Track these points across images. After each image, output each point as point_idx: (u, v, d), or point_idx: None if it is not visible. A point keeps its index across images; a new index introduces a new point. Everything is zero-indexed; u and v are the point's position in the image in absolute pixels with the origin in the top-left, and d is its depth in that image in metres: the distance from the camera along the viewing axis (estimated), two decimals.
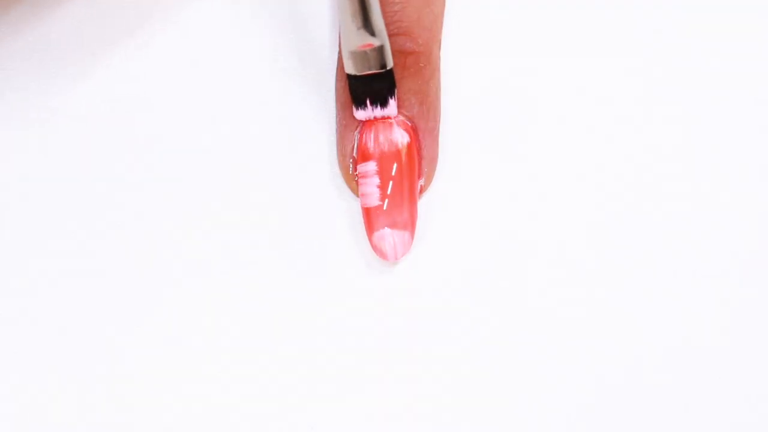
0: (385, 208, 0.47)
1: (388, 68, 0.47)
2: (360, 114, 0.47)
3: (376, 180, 0.47)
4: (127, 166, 0.49)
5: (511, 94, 0.50)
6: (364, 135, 0.48)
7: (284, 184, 0.48)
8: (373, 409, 0.46)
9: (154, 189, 0.48)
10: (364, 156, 0.47)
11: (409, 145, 0.47)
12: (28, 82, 0.50)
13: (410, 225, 0.47)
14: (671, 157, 0.49)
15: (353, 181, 0.48)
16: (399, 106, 0.47)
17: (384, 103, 0.47)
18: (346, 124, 0.48)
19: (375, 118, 0.47)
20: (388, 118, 0.47)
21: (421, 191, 0.48)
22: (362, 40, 0.46)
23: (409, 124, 0.48)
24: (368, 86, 0.47)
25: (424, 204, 0.48)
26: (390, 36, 0.47)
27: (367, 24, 0.46)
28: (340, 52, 0.48)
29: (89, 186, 0.48)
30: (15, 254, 0.48)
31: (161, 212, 0.48)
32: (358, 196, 0.48)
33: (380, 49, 0.46)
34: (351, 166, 0.48)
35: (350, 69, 0.46)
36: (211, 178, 0.49)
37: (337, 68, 0.49)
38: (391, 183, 0.47)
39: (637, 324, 0.47)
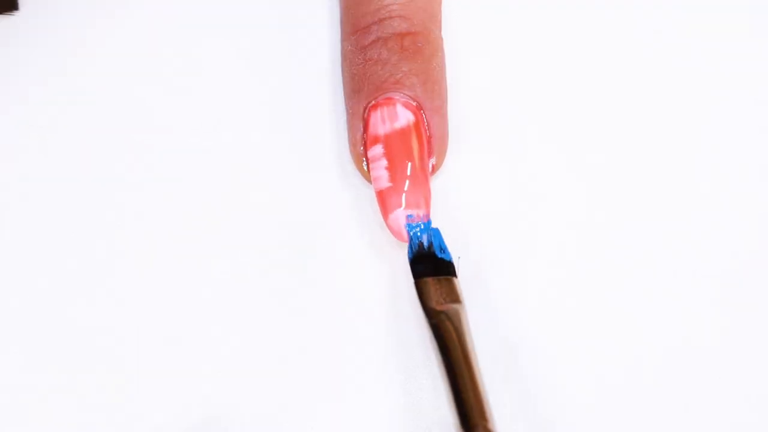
0: (396, 187, 0.47)
1: None
2: None
3: (384, 162, 0.47)
4: (128, 160, 0.49)
5: (511, 94, 0.50)
6: (369, 120, 0.47)
7: (292, 180, 0.48)
8: (373, 409, 0.46)
9: (158, 183, 0.48)
10: (371, 140, 0.47)
11: (414, 124, 0.47)
12: (29, 82, 0.50)
13: (425, 204, 0.47)
14: (672, 156, 0.49)
15: (363, 167, 0.48)
16: (401, 87, 0.47)
17: None
18: (353, 113, 0.48)
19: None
20: (392, 99, 0.47)
21: (433, 170, 0.48)
22: None
23: (413, 104, 0.47)
24: None
25: None
26: (384, 20, 0.47)
27: None
28: (342, 43, 0.48)
29: (91, 186, 0.48)
30: (15, 254, 0.48)
31: (164, 205, 0.48)
32: (369, 181, 0.48)
33: None
34: (362, 153, 0.48)
35: None
36: (216, 174, 0.48)
37: (342, 59, 0.49)
38: (400, 163, 0.47)
39: (638, 324, 0.47)
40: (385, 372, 0.47)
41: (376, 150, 0.47)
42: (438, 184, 0.48)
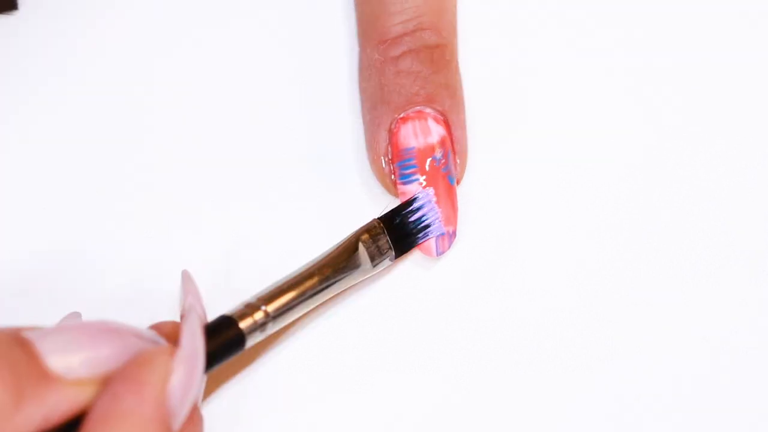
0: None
1: None
2: None
3: (416, 176, 0.47)
4: (137, 164, 0.49)
5: (510, 95, 0.50)
6: (399, 132, 0.47)
7: (308, 186, 0.48)
8: (373, 409, 0.46)
9: (173, 191, 0.48)
10: (400, 153, 0.47)
11: (443, 139, 0.47)
12: (29, 82, 0.50)
13: (453, 219, 0.47)
14: (674, 158, 0.49)
15: (388, 179, 0.47)
16: (431, 101, 0.47)
17: None
18: (378, 123, 0.47)
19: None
20: (422, 113, 0.47)
21: (457, 184, 0.48)
22: None
23: (442, 118, 0.47)
24: None
25: None
26: (416, 31, 0.47)
27: None
28: (368, 52, 0.48)
29: (91, 186, 0.48)
30: (15, 251, 0.48)
31: (179, 211, 0.48)
32: (393, 194, 0.47)
33: None
34: (385, 164, 0.47)
35: None
36: (228, 184, 0.48)
37: (361, 68, 0.48)
38: (430, 178, 0.47)
39: (639, 325, 0.47)
40: (386, 372, 0.47)
41: (407, 163, 0.47)
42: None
